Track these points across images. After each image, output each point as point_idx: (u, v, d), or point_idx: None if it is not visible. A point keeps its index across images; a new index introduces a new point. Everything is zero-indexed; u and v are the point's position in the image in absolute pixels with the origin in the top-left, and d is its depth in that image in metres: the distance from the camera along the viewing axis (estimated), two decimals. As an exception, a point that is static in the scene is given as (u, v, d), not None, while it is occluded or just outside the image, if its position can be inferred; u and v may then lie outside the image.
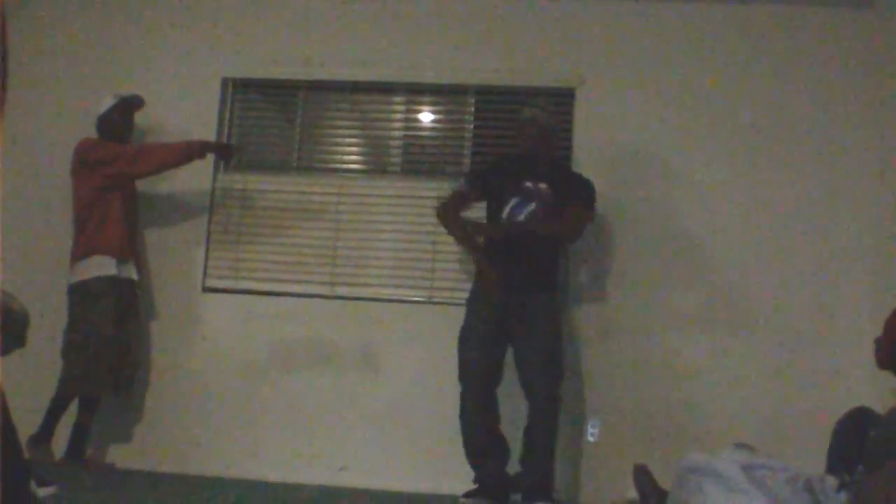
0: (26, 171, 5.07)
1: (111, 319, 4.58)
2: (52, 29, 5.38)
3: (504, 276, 4.27)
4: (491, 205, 4.49)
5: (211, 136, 5.18)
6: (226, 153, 5.03)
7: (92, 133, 4.93)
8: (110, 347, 4.55)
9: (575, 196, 4.43)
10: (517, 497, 4.27)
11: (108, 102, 4.90)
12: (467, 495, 4.23)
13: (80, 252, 4.67)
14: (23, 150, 5.05)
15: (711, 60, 4.98)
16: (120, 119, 4.90)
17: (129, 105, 4.95)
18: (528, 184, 4.39)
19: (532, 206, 4.36)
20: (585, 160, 4.95)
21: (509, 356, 4.34)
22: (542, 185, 4.39)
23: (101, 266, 4.63)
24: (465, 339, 4.32)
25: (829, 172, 4.81)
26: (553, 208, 4.36)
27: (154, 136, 5.12)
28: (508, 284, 4.26)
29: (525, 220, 4.35)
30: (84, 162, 4.76)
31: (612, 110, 5.01)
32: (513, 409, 4.37)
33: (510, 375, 4.35)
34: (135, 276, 4.77)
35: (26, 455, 2.74)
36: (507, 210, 4.38)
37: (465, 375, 4.29)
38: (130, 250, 4.77)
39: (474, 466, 4.28)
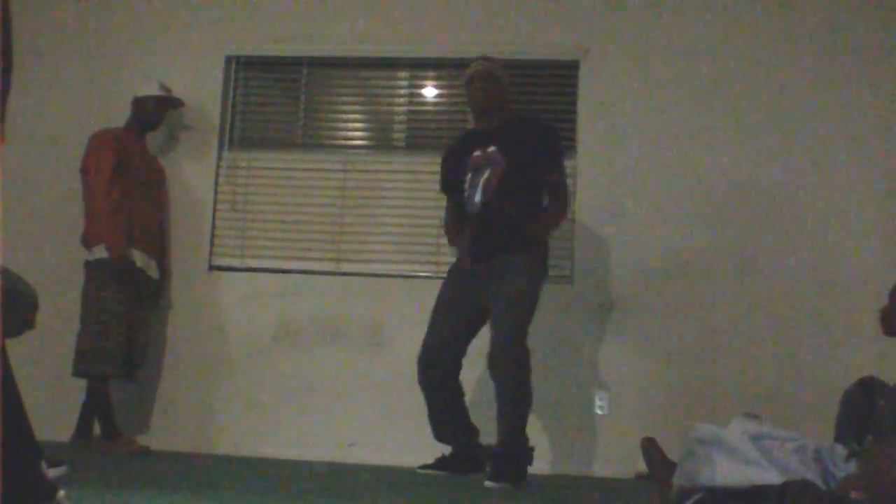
0: (29, 152, 5.07)
1: (123, 299, 4.57)
2: (55, 8, 5.36)
3: (475, 246, 4.06)
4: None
5: (216, 114, 5.20)
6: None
7: (95, 112, 4.92)
8: (120, 325, 4.54)
9: (540, 162, 4.07)
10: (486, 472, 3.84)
11: (150, 88, 4.89)
12: (423, 467, 4.12)
13: (91, 235, 4.63)
14: (25, 129, 5.04)
15: (717, 31, 4.95)
16: (154, 110, 4.90)
17: (168, 102, 4.96)
18: (477, 152, 4.13)
19: (486, 174, 4.06)
20: (589, 132, 4.94)
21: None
22: (490, 149, 4.10)
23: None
24: (434, 308, 4.14)
25: (833, 145, 4.79)
26: (508, 171, 4.02)
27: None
28: (480, 254, 4.04)
29: (481, 195, 4.05)
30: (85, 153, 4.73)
31: (616, 82, 4.99)
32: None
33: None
34: (143, 265, 4.71)
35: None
36: (467, 189, 4.12)
37: (424, 340, 4.09)
38: (143, 242, 4.71)
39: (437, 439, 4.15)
